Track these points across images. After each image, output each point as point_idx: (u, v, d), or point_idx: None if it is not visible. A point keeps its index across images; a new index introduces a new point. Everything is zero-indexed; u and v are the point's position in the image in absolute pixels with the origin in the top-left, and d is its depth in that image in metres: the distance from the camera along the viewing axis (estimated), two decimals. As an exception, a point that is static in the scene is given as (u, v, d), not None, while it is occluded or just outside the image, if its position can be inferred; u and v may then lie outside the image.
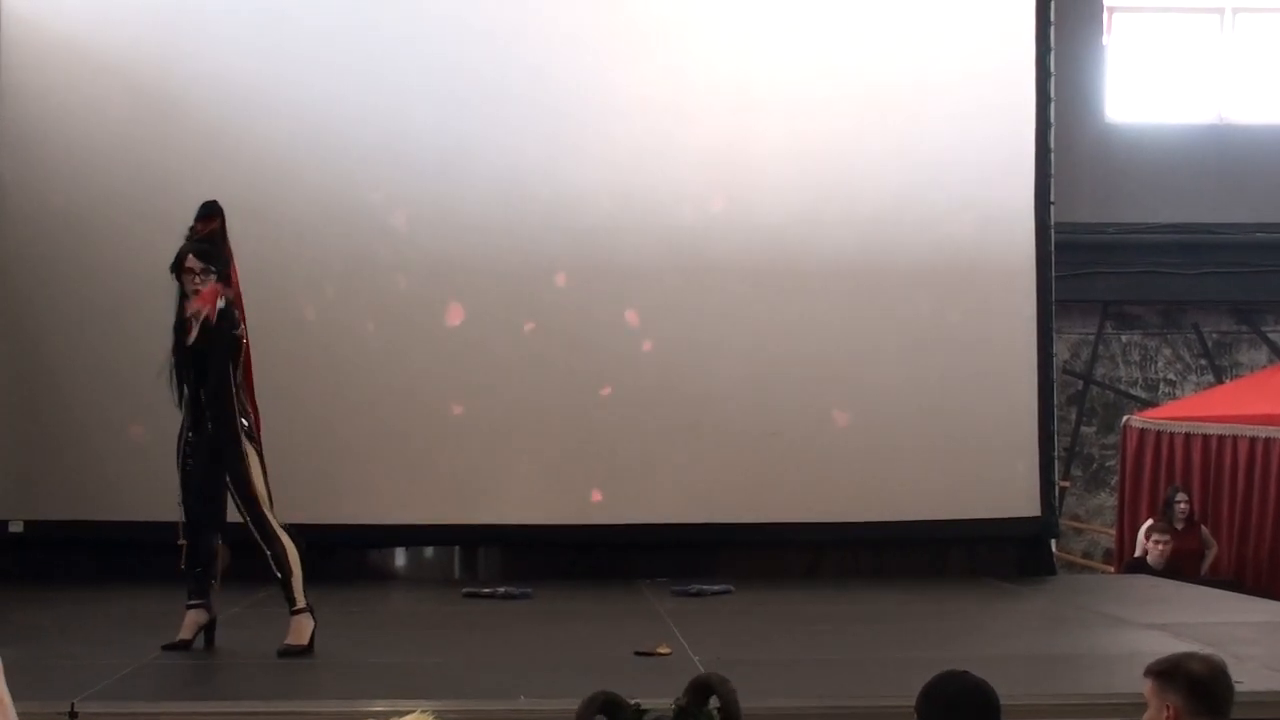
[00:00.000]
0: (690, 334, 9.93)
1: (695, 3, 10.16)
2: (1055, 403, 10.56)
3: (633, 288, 9.92)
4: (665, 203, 9.93)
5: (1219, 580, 10.49)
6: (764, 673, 6.21)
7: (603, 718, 3.56)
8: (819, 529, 9.98)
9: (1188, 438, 11.65)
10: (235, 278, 6.80)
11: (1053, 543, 10.62)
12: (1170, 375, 13.95)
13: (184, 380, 6.67)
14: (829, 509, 9.87)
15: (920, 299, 10.04)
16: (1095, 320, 13.80)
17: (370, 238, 9.84)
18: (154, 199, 9.28)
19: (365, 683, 6.17)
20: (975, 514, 10.02)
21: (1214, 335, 13.92)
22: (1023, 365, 10.18)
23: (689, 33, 10.07)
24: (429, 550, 10.38)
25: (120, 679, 6.08)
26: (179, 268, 6.62)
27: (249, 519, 6.58)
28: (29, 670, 6.24)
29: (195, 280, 6.59)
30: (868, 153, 10.03)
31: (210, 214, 6.76)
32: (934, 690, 3.65)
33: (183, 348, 6.63)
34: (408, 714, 3.05)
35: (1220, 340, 13.93)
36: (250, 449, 6.63)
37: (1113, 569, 12.16)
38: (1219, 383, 13.63)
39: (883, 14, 10.19)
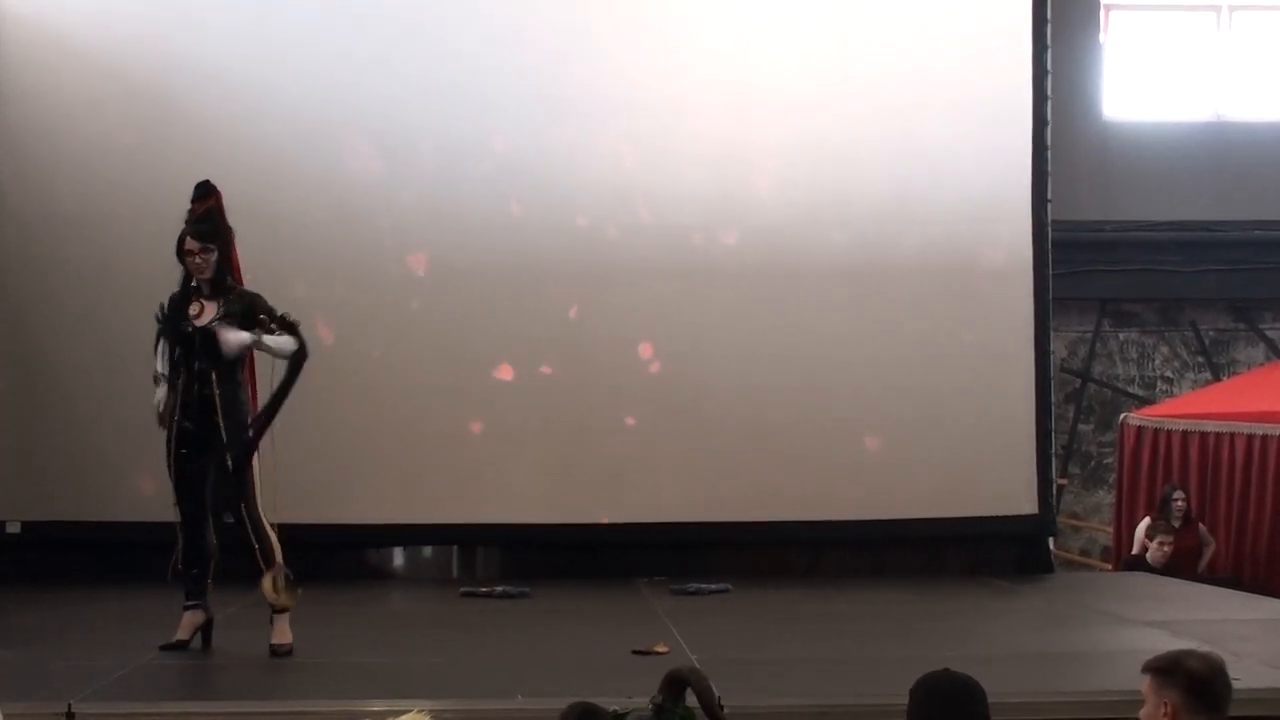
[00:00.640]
0: (689, 332, 9.93)
1: (695, 3, 10.16)
2: (1053, 400, 10.55)
3: (633, 287, 9.91)
4: (665, 202, 9.93)
5: (1216, 578, 10.49)
6: (762, 672, 6.22)
7: None
8: (817, 528, 9.97)
9: (1185, 435, 11.65)
10: (235, 256, 6.80)
11: (1051, 540, 10.61)
12: (1168, 373, 13.96)
13: (184, 365, 6.59)
14: (827, 508, 9.87)
15: (917, 297, 10.02)
16: (1093, 318, 13.81)
17: (370, 237, 9.83)
18: (154, 199, 9.24)
19: (363, 682, 6.16)
20: (973, 512, 10.00)
21: (1211, 333, 13.93)
22: (1020, 363, 10.17)
23: (688, 31, 10.06)
24: (427, 550, 10.36)
25: (117, 679, 6.07)
26: (180, 250, 6.63)
27: (243, 512, 6.55)
28: (26, 671, 6.28)
29: (196, 260, 6.59)
30: (864, 150, 10.02)
31: (205, 193, 6.75)
32: (917, 687, 3.70)
33: (185, 332, 6.59)
34: (405, 713, 3.06)
35: (1218, 338, 13.94)
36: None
37: (1110, 566, 12.18)
38: (1216, 380, 13.63)
39: (880, 13, 10.17)
